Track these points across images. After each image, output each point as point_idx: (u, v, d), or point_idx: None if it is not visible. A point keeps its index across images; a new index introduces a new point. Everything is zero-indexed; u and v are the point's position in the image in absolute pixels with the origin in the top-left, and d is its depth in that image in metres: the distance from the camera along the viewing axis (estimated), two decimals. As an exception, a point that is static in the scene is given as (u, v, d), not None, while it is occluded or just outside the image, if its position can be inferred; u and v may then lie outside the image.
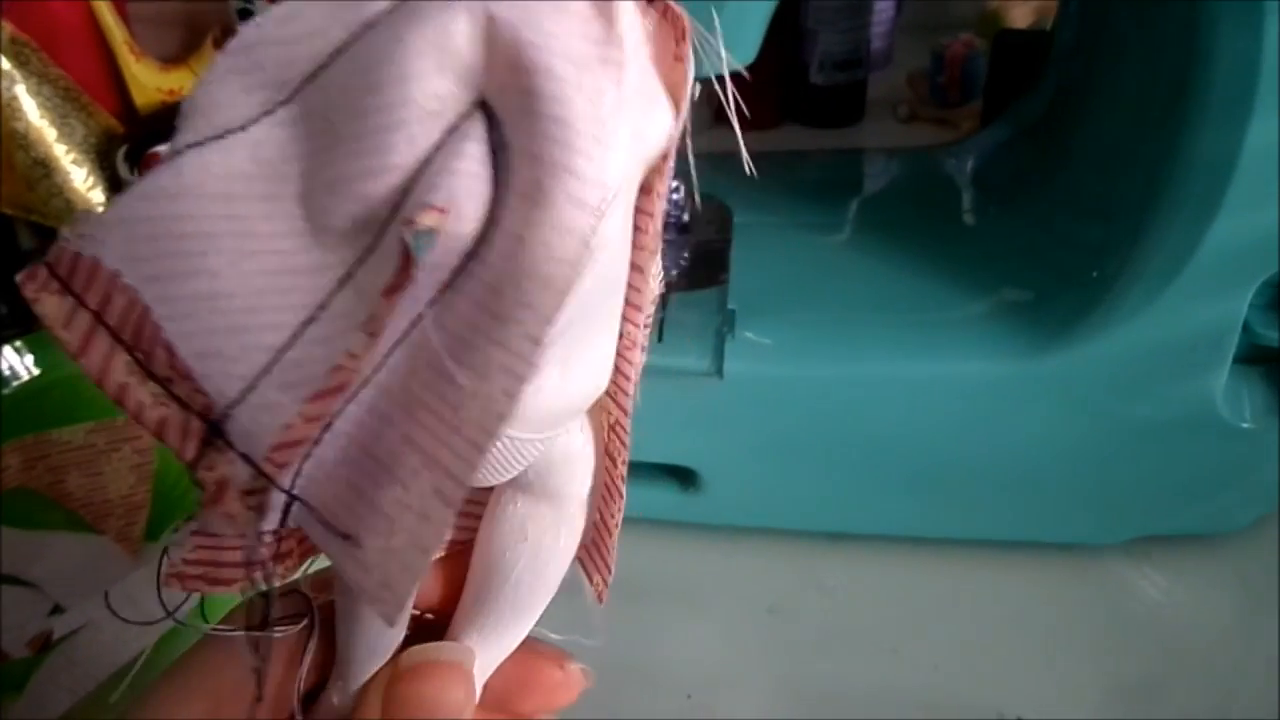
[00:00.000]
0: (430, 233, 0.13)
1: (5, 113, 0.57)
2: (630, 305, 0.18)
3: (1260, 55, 0.30)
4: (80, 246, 0.15)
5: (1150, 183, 0.35)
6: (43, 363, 0.57)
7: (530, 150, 0.14)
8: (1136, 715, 0.37)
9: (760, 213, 0.48)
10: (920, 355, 0.39)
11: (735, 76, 0.17)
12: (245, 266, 0.15)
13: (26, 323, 0.61)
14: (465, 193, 0.14)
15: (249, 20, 0.15)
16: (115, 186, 0.60)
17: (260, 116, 0.15)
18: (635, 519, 0.23)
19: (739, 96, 0.18)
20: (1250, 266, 0.34)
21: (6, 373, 0.56)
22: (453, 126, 0.14)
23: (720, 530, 0.45)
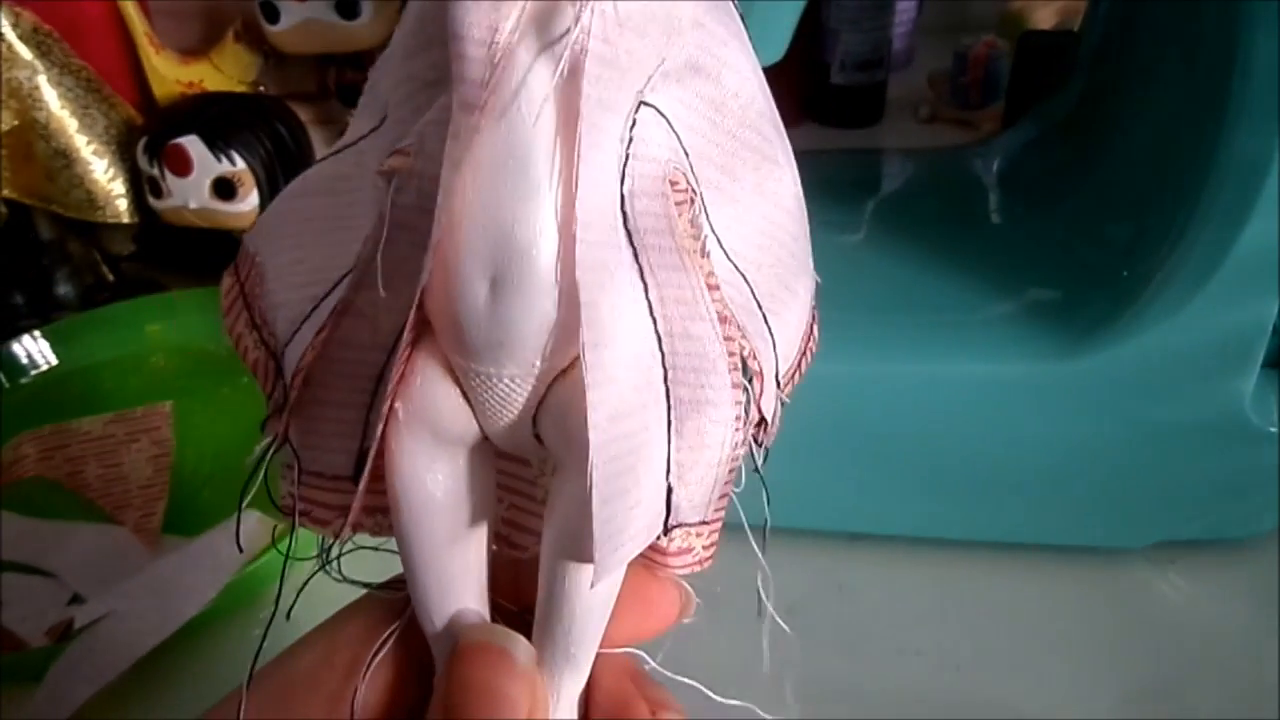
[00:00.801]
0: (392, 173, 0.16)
1: (27, 103, 0.57)
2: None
3: (1299, 55, 0.30)
4: (248, 235, 0.19)
5: (1184, 184, 0.35)
6: (61, 353, 0.57)
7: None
8: (1157, 719, 0.37)
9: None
10: (944, 356, 0.39)
11: None
12: (326, 239, 0.18)
13: (44, 312, 0.61)
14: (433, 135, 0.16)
15: (272, 14, 0.17)
16: (135, 178, 0.60)
17: (369, 133, 0.18)
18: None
19: None
20: (1283, 269, 0.34)
21: (24, 362, 0.56)
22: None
23: (739, 530, 0.45)
